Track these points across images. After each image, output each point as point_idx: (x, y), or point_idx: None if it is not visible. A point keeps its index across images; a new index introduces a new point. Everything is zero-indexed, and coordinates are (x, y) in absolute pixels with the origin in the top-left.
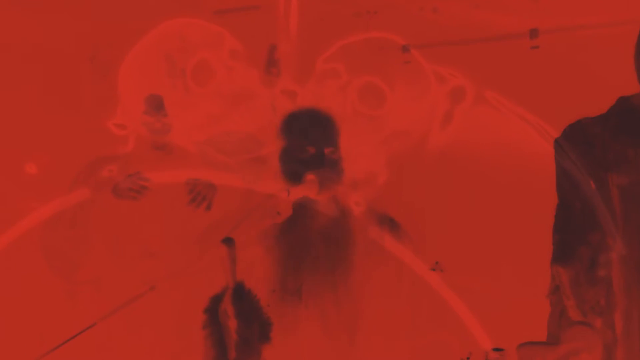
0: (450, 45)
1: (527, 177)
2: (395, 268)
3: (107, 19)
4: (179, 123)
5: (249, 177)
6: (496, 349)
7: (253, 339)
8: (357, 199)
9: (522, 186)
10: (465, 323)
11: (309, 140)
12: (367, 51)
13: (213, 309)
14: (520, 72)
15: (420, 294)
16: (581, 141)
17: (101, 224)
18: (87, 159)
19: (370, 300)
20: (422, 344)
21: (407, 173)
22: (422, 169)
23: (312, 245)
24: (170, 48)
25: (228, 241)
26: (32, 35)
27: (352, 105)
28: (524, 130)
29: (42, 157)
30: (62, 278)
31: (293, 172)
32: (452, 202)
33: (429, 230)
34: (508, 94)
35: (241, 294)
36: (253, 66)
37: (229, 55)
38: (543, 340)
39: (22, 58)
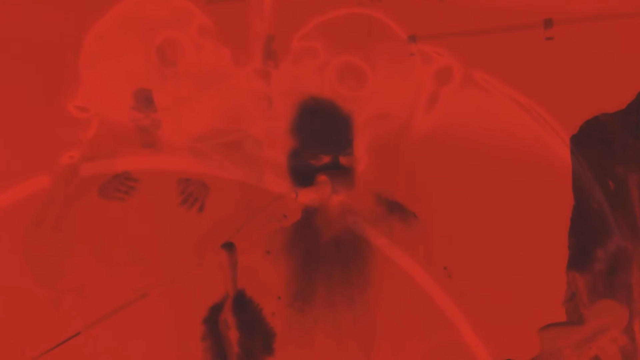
0: (459, 36)
1: (522, 165)
2: (407, 279)
3: (94, 10)
4: (169, 119)
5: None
6: None
7: (256, 351)
8: (323, 178)
9: (517, 175)
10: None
11: (324, 147)
12: (348, 29)
13: (212, 320)
14: (533, 65)
15: (434, 306)
16: (599, 139)
17: (86, 227)
18: (49, 145)
19: (385, 312)
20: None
21: (390, 159)
22: (405, 155)
23: (323, 252)
24: (136, 26)
25: (228, 246)
26: (17, 26)
27: (331, 87)
28: (515, 112)
29: None
30: (44, 285)
31: (302, 175)
32: (440, 192)
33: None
34: (520, 87)
35: (242, 304)
36: (224, 44)
37: (198, 32)
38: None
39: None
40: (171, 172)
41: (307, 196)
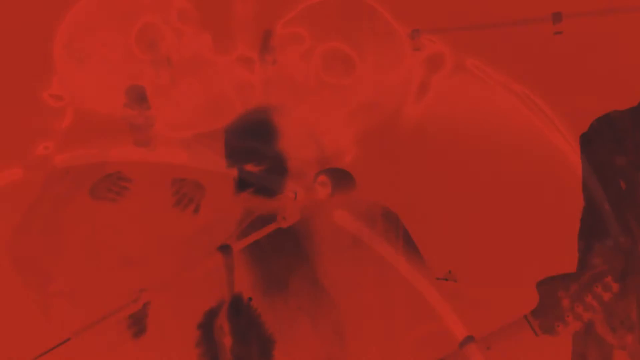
0: (465, 30)
1: (523, 163)
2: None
3: None
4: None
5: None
6: None
7: (249, 358)
8: (323, 179)
9: (517, 171)
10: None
11: (227, 160)
12: (335, 15)
13: (208, 325)
14: (541, 60)
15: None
16: (610, 137)
17: (77, 228)
18: (23, 136)
19: (360, 298)
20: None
21: (378, 150)
22: (394, 146)
23: (295, 242)
24: (113, 11)
25: (224, 249)
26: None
27: (317, 75)
28: (508, 101)
29: None
30: (33, 289)
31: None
32: (433, 186)
33: (411, 222)
34: (528, 83)
35: (238, 308)
36: (205, 30)
37: (178, 17)
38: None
39: None
40: (165, 168)
41: (306, 197)
